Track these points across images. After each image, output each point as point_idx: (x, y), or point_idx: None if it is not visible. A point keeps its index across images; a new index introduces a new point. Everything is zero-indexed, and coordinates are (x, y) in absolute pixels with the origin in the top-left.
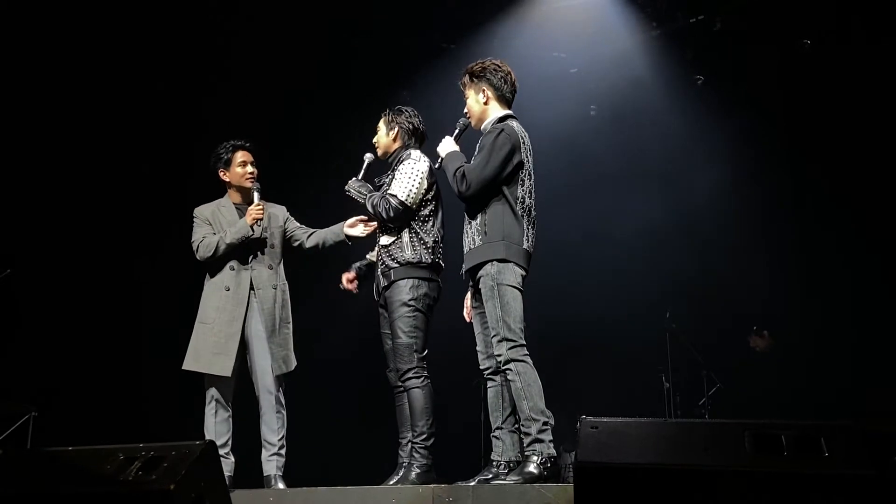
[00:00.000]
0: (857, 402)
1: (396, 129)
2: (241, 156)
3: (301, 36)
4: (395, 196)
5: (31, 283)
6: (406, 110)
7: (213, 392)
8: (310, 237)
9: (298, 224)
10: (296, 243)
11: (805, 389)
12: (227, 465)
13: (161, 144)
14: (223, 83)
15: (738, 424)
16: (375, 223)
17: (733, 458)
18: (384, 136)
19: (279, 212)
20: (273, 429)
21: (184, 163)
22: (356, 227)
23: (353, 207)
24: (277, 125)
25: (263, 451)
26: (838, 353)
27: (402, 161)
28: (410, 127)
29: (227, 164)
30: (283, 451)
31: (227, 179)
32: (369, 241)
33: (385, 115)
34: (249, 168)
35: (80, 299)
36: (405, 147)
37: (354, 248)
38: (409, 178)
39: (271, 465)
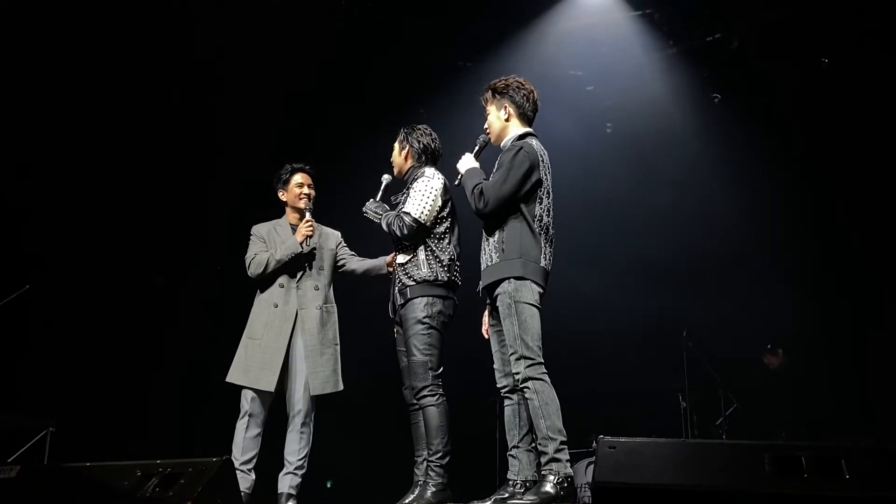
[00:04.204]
0: (876, 423)
1: (407, 147)
2: (299, 177)
3: (320, 53)
4: (409, 214)
5: (50, 297)
6: (419, 128)
7: (249, 407)
8: (362, 262)
9: (351, 252)
10: (343, 268)
11: (825, 410)
12: (248, 480)
13: (182, 160)
14: (241, 100)
15: (758, 445)
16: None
17: (752, 479)
18: (398, 156)
19: (333, 236)
20: (295, 448)
21: (204, 179)
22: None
23: (369, 227)
24: (295, 142)
25: (283, 469)
26: (857, 373)
27: (416, 179)
28: (420, 146)
29: (286, 185)
30: (299, 472)
31: (285, 199)
32: None
33: (401, 133)
34: (306, 189)
35: (99, 313)
36: (418, 165)
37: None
38: (422, 196)
39: (285, 482)
